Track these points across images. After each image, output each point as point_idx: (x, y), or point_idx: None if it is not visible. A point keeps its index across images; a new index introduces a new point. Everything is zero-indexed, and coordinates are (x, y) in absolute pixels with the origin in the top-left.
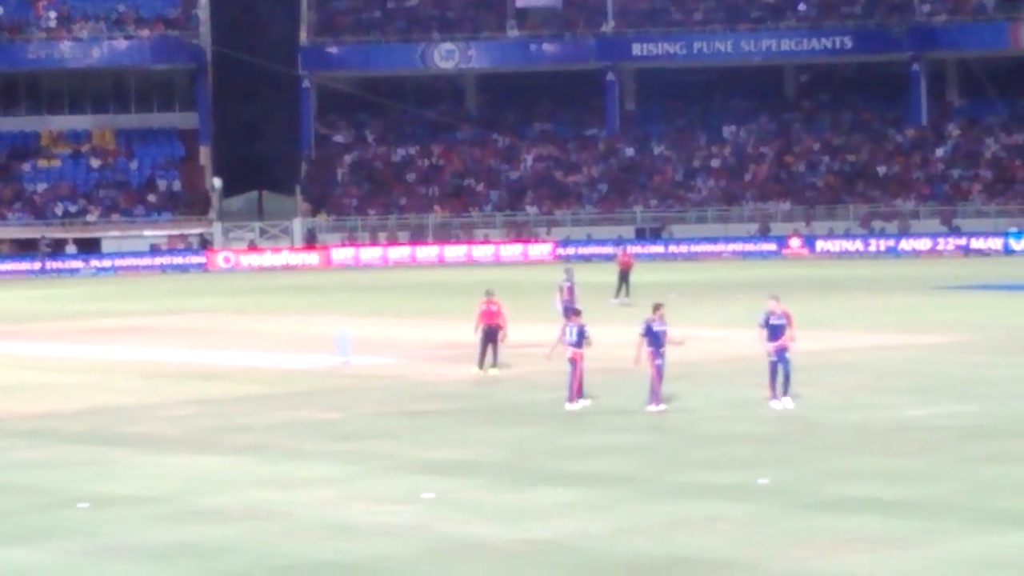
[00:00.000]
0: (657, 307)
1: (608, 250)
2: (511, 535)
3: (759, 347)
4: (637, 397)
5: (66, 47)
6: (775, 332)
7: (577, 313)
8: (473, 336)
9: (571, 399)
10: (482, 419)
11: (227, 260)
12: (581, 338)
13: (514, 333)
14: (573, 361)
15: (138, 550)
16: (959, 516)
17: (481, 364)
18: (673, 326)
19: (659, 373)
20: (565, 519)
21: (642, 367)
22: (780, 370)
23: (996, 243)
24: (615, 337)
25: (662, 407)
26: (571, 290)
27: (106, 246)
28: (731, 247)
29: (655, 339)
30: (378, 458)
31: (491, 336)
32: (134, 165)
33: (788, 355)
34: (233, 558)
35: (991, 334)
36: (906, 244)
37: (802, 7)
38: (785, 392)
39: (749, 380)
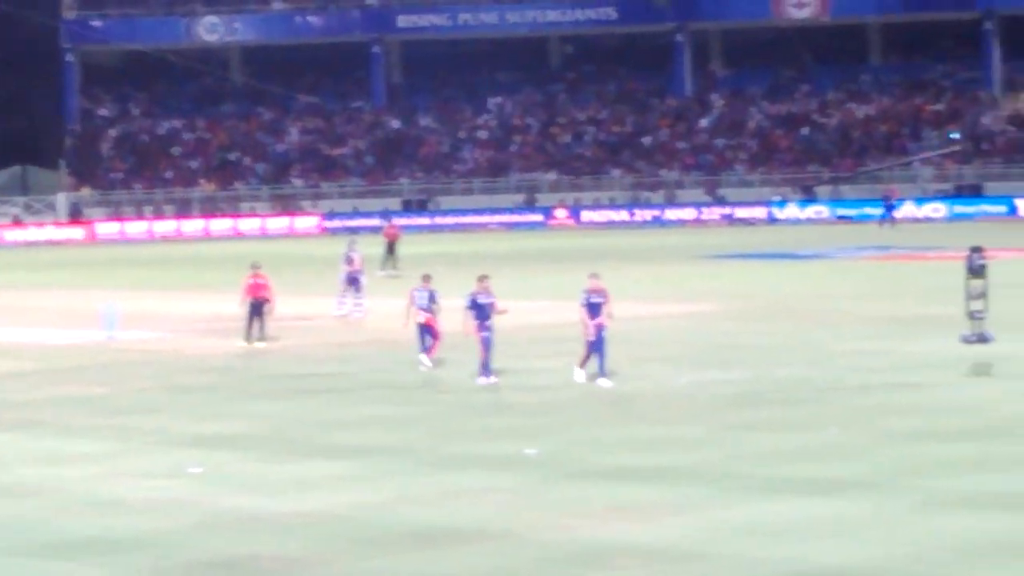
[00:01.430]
0: (482, 279)
1: (375, 222)
2: (282, 507)
3: (577, 323)
4: (405, 366)
5: None
6: (594, 310)
7: (429, 278)
8: (240, 309)
9: (429, 358)
10: (251, 392)
11: None
12: (432, 302)
13: (281, 306)
14: (427, 326)
15: None
16: (727, 483)
17: (248, 337)
18: (444, 297)
19: (486, 345)
20: (337, 491)
21: (471, 339)
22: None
23: (760, 212)
24: (382, 308)
25: (493, 379)
26: (354, 260)
27: None
28: (497, 218)
29: (481, 311)
30: (146, 433)
31: (258, 309)
32: None
33: (604, 334)
34: (0, 535)
35: (756, 302)
36: (671, 214)
37: None
38: (602, 372)
39: (519, 350)
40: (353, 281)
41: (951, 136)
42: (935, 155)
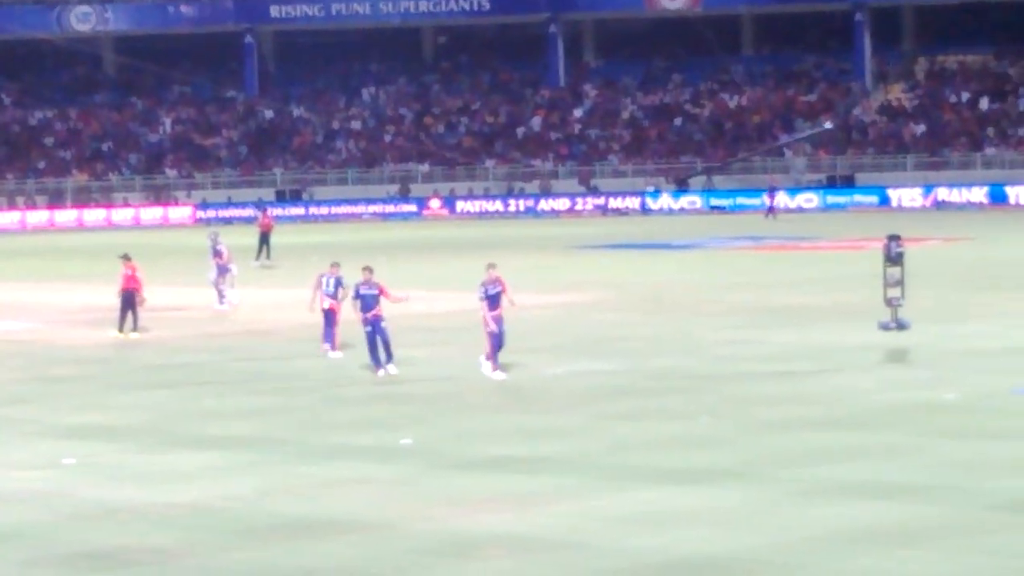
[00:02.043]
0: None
1: (248, 212)
2: (155, 499)
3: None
4: (280, 357)
5: None
6: (493, 302)
7: (337, 265)
8: (115, 300)
9: (333, 347)
10: (124, 383)
11: None
12: (338, 288)
13: (155, 297)
14: (331, 312)
15: None
16: (599, 473)
17: (121, 327)
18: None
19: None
20: (209, 482)
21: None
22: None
23: (634, 202)
24: (257, 299)
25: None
26: (223, 253)
27: None
28: (371, 208)
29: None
30: (18, 424)
31: (129, 300)
32: None
33: (504, 327)
34: None
35: (629, 292)
36: (545, 204)
37: None
38: (494, 361)
39: (394, 340)
40: (224, 272)
41: (823, 125)
42: (805, 136)
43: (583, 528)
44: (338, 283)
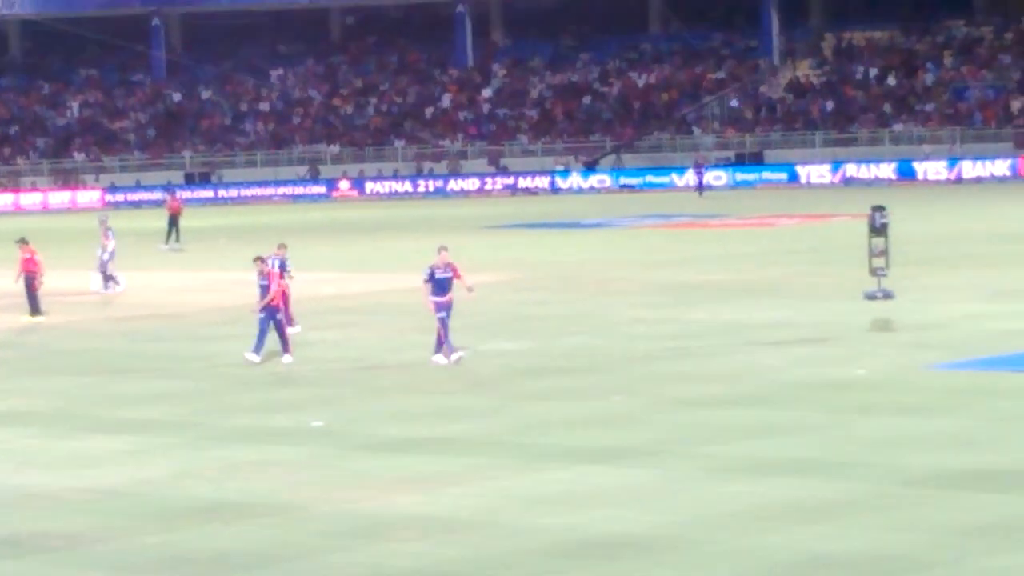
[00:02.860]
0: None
1: (157, 195)
2: (65, 483)
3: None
4: (187, 341)
5: None
6: (441, 286)
7: (284, 247)
8: (15, 285)
9: (289, 324)
10: (32, 368)
11: None
12: (283, 270)
13: (63, 281)
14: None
15: None
16: (513, 453)
17: (33, 312)
18: (226, 271)
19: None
20: (119, 466)
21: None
22: (441, 324)
23: (543, 181)
24: (166, 282)
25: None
26: (110, 236)
27: None
28: (281, 190)
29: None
30: None
31: (28, 284)
32: None
33: (450, 311)
34: None
35: (540, 272)
36: (455, 184)
37: None
38: (451, 350)
39: (302, 323)
40: (112, 256)
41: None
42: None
43: (496, 508)
44: (283, 265)
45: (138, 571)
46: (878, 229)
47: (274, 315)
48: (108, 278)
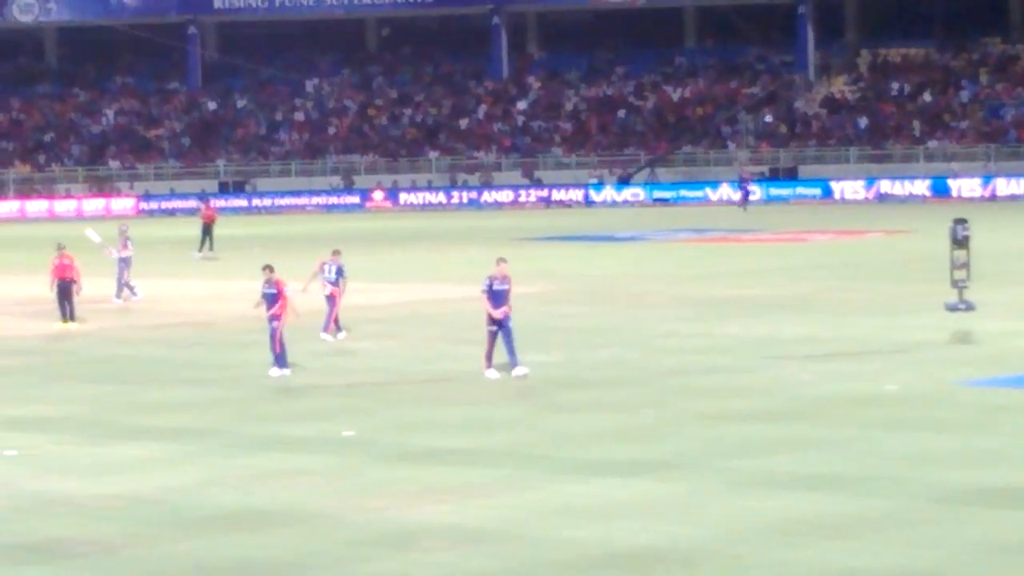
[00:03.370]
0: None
1: (191, 204)
2: (95, 490)
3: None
4: (219, 348)
5: None
6: (498, 298)
7: (339, 253)
8: (50, 292)
9: (326, 329)
10: (66, 375)
11: None
12: (340, 276)
13: (96, 288)
14: (332, 297)
15: None
16: (541, 464)
17: (63, 318)
18: (259, 279)
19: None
20: (149, 473)
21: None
22: (502, 338)
23: (577, 194)
24: (199, 291)
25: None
26: (129, 244)
27: None
28: (315, 200)
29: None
30: None
31: (65, 290)
32: None
33: (510, 324)
34: None
35: (572, 284)
36: (488, 196)
37: None
38: (515, 362)
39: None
40: (129, 264)
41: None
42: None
43: (524, 520)
44: (339, 271)
45: None
46: (959, 241)
47: (273, 324)
48: (124, 286)
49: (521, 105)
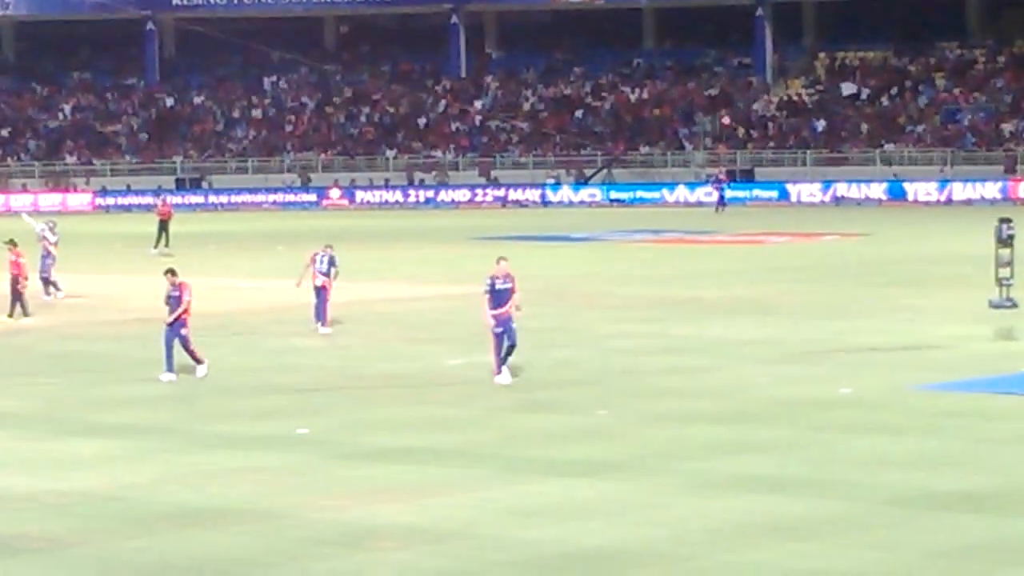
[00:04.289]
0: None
1: (148, 200)
2: (48, 486)
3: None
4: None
5: None
6: (500, 298)
7: (330, 246)
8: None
9: (323, 324)
10: (16, 370)
11: None
12: (331, 267)
13: (37, 283)
14: (323, 289)
15: None
16: (494, 464)
17: (12, 313)
18: (213, 276)
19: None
20: (102, 470)
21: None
22: (505, 340)
23: (534, 194)
24: (154, 287)
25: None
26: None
27: None
28: (271, 197)
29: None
30: None
31: (14, 286)
32: None
33: (514, 325)
34: None
35: (528, 284)
36: (445, 195)
37: None
38: (504, 363)
39: (289, 330)
40: (53, 261)
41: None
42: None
43: (478, 520)
44: (331, 262)
45: None
46: (1004, 240)
47: (179, 331)
48: (49, 283)
49: (479, 104)
